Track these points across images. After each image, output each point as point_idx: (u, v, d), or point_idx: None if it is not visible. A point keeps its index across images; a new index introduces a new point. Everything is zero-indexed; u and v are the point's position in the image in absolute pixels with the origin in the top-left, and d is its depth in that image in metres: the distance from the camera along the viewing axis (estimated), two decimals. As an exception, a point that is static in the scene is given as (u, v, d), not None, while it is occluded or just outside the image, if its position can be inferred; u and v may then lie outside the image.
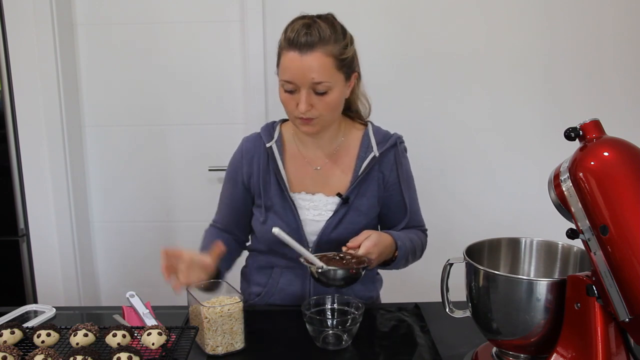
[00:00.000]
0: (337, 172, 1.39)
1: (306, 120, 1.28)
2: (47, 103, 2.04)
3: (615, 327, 0.88)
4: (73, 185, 2.12)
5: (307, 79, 1.22)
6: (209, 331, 1.12)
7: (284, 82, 1.26)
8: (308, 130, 1.30)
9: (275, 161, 1.37)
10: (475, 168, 2.16)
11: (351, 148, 1.40)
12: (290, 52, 1.23)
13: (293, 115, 1.29)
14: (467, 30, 2.06)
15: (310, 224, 1.37)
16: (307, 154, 1.40)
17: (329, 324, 1.18)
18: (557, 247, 1.09)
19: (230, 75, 2.14)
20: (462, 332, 1.19)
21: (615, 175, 0.84)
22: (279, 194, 1.36)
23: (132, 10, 2.10)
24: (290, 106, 1.28)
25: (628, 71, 2.08)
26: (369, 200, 1.37)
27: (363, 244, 1.22)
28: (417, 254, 1.40)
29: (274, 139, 1.39)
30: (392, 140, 1.39)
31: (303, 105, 1.24)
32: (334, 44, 1.24)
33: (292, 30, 1.24)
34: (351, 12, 1.31)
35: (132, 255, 2.28)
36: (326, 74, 1.23)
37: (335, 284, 1.18)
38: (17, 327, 1.10)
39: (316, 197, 1.38)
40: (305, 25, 1.23)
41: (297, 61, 1.22)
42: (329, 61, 1.23)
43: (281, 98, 1.29)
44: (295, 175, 1.39)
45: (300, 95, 1.24)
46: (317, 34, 1.22)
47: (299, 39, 1.22)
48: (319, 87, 1.24)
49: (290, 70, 1.23)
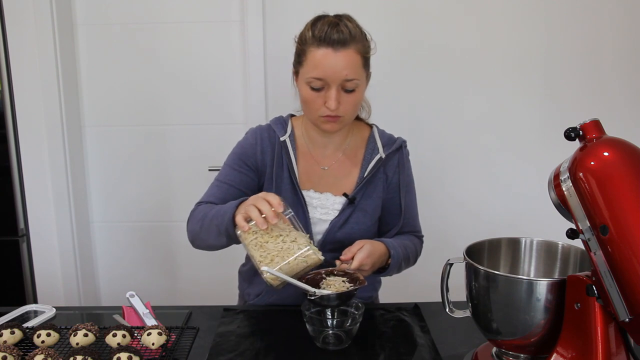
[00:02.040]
0: (343, 172, 1.39)
1: (333, 118, 1.27)
2: (47, 103, 2.04)
3: (615, 327, 0.88)
4: (73, 185, 2.13)
5: (339, 75, 1.22)
6: None
7: (313, 79, 1.24)
8: (332, 128, 1.29)
9: (288, 155, 1.36)
10: (475, 168, 2.16)
11: (358, 149, 1.40)
12: (322, 49, 1.22)
13: (317, 114, 1.27)
14: (467, 29, 2.06)
15: (317, 222, 1.37)
16: (315, 153, 1.40)
17: (329, 324, 1.18)
18: (557, 247, 1.09)
19: (230, 75, 2.14)
20: (462, 332, 1.19)
21: (615, 175, 0.84)
22: (290, 190, 1.35)
23: (132, 10, 2.10)
24: (315, 104, 1.26)
25: (628, 71, 2.08)
26: (375, 201, 1.38)
27: (356, 255, 1.21)
28: (410, 260, 1.39)
29: (287, 133, 1.38)
30: (398, 143, 1.40)
31: (333, 102, 1.23)
32: (362, 42, 1.25)
33: (321, 27, 1.23)
34: (350, 12, 1.31)
35: (132, 255, 2.28)
36: (357, 71, 1.24)
37: (330, 305, 1.17)
38: (17, 327, 1.10)
39: (324, 195, 1.37)
40: (333, 24, 1.23)
41: (330, 57, 1.21)
42: (359, 59, 1.24)
43: (305, 96, 1.27)
44: (305, 172, 1.39)
45: (329, 92, 1.24)
46: (348, 31, 1.23)
47: (332, 36, 1.21)
48: (348, 85, 1.24)
49: (323, 66, 1.22)
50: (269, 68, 2.06)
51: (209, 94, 2.16)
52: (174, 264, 2.28)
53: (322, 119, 1.28)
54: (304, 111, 1.33)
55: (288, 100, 1.46)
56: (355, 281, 1.18)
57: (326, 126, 1.29)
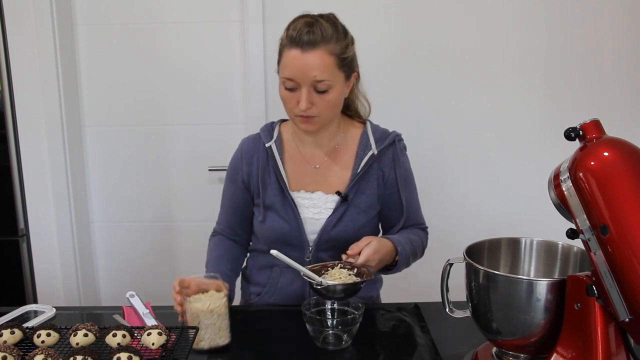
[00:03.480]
0: (335, 170, 1.39)
1: (306, 118, 1.28)
2: (47, 103, 2.04)
3: (615, 327, 0.88)
4: (73, 185, 2.13)
5: (308, 76, 1.23)
6: (192, 325, 1.13)
7: (285, 80, 1.26)
8: (307, 128, 1.31)
9: (274, 160, 1.37)
10: (476, 168, 2.16)
11: (350, 146, 1.40)
12: (292, 50, 1.23)
13: (293, 113, 1.30)
14: (467, 29, 2.06)
15: (310, 222, 1.37)
16: (305, 153, 1.41)
17: (329, 324, 1.18)
18: (557, 247, 1.09)
19: (230, 75, 2.14)
20: (462, 332, 1.19)
21: (615, 175, 0.84)
22: (278, 193, 1.37)
23: (132, 10, 2.10)
24: (290, 104, 1.28)
25: (628, 71, 2.08)
26: (369, 197, 1.37)
27: (363, 251, 1.21)
28: (417, 254, 1.40)
29: (273, 138, 1.40)
30: (391, 138, 1.40)
31: (303, 102, 1.24)
32: (335, 43, 1.25)
33: (295, 28, 1.24)
34: (350, 11, 1.31)
35: (132, 255, 2.28)
36: (327, 72, 1.24)
37: (335, 297, 1.18)
38: (17, 327, 1.10)
39: (315, 195, 1.38)
40: (308, 24, 1.24)
41: (299, 59, 1.22)
42: (331, 60, 1.24)
43: (281, 95, 1.29)
44: (294, 174, 1.39)
45: (300, 93, 1.25)
46: (320, 32, 1.23)
47: (302, 37, 1.22)
48: (319, 86, 1.24)
49: (292, 67, 1.24)
50: (268, 68, 2.06)
51: (209, 94, 2.16)
52: (174, 264, 2.28)
53: (297, 118, 1.30)
54: (285, 111, 1.34)
55: (288, 101, 1.46)
56: (361, 275, 1.18)
57: (302, 126, 1.31)
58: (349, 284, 1.14)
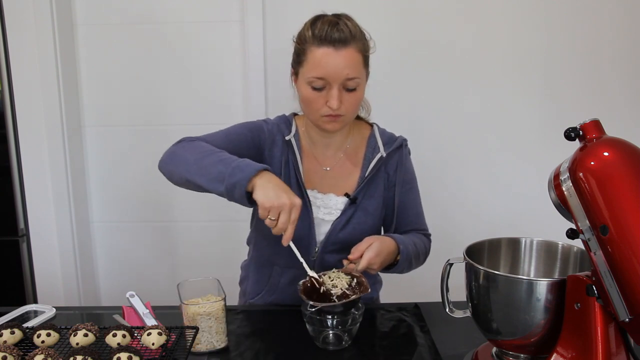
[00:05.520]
0: (345, 172, 1.39)
1: (335, 117, 1.26)
2: (47, 103, 2.04)
3: (615, 327, 0.88)
4: (73, 185, 2.12)
5: (341, 74, 1.22)
6: None
7: (314, 79, 1.23)
8: (333, 127, 1.28)
9: (294, 154, 1.36)
10: (475, 168, 2.16)
11: (359, 149, 1.40)
12: (323, 48, 1.22)
13: (319, 114, 1.27)
14: (467, 29, 2.06)
15: (320, 223, 1.36)
16: (317, 154, 1.40)
17: (329, 324, 1.17)
18: (557, 247, 1.09)
19: (231, 75, 2.14)
20: (462, 332, 1.19)
21: (615, 175, 0.84)
22: (296, 189, 1.34)
23: (132, 10, 2.10)
24: (317, 104, 1.26)
25: (628, 71, 2.08)
26: (377, 200, 1.37)
27: (364, 255, 1.20)
28: (420, 258, 1.38)
29: (292, 132, 1.38)
30: (398, 142, 1.40)
31: (335, 101, 1.22)
32: (362, 40, 1.25)
33: (322, 27, 1.23)
34: (350, 11, 1.31)
35: (132, 255, 2.28)
36: (357, 69, 1.23)
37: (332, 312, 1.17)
38: (17, 327, 1.10)
39: (327, 196, 1.37)
40: (333, 23, 1.23)
41: (331, 57, 1.21)
42: (359, 57, 1.24)
43: (306, 96, 1.26)
44: (308, 172, 1.38)
45: (331, 91, 1.23)
46: (348, 30, 1.22)
47: (332, 35, 1.21)
48: (350, 84, 1.23)
49: (324, 66, 1.22)
50: (269, 68, 2.06)
51: (209, 94, 2.15)
52: (174, 264, 2.28)
53: (323, 118, 1.27)
54: (305, 111, 1.33)
55: (288, 100, 1.45)
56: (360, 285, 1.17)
57: (328, 126, 1.28)
58: (343, 303, 1.13)
